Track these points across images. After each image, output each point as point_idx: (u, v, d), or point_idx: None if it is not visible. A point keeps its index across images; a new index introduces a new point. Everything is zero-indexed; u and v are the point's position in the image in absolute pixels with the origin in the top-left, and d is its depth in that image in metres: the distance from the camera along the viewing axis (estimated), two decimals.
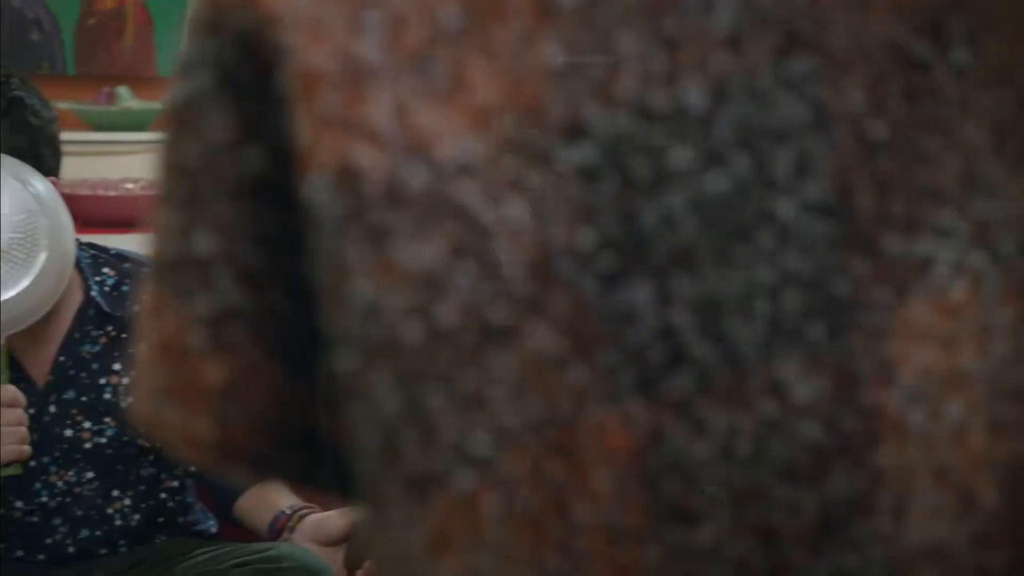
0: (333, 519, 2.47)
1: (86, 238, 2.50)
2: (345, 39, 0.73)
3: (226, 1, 0.76)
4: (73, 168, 2.54)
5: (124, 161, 3.88)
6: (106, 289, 2.46)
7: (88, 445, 2.42)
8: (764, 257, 0.73)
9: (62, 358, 2.42)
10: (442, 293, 0.72)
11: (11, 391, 2.29)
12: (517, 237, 0.72)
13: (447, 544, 0.74)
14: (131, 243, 2.65)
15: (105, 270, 2.48)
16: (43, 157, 2.41)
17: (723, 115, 0.73)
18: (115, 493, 2.44)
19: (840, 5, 0.73)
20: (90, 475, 2.43)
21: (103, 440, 2.42)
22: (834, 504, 0.73)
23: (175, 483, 2.50)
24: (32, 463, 2.37)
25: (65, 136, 2.49)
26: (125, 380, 2.43)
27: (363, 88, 0.73)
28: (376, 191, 0.73)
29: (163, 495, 2.48)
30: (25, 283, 2.30)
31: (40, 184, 2.33)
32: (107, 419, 2.42)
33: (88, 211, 2.82)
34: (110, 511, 2.44)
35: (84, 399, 2.42)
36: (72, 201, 2.39)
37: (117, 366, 2.43)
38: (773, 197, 0.73)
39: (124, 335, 2.44)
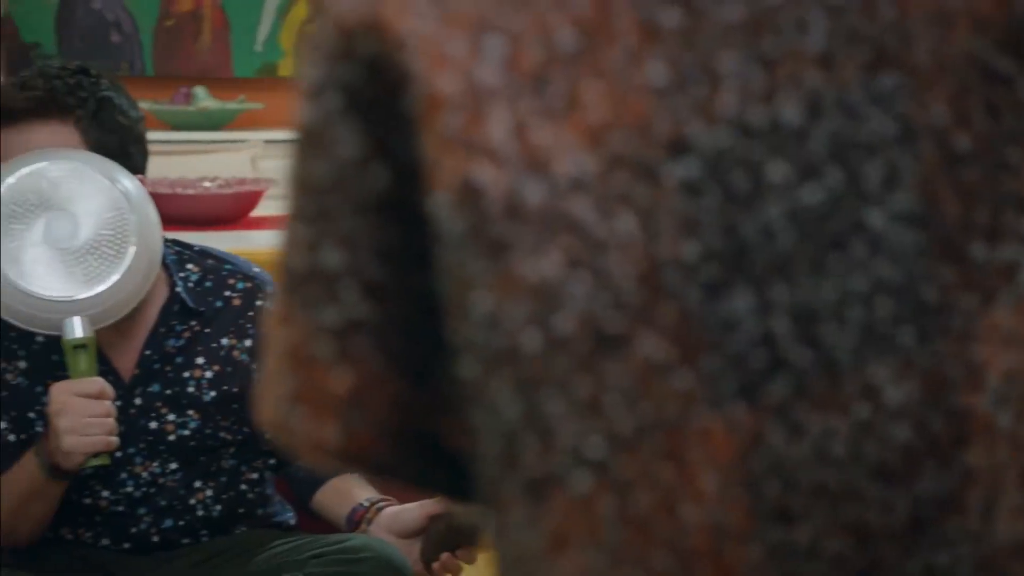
0: (410, 512, 2.46)
1: (166, 235, 2.51)
2: (466, 63, 0.76)
3: (353, 27, 0.78)
4: (151, 167, 2.55)
5: (201, 160, 3.90)
6: (190, 285, 2.47)
7: (172, 437, 2.43)
8: (857, 265, 0.75)
9: (147, 352, 2.43)
10: (559, 303, 0.75)
11: (99, 384, 2.31)
12: (627, 249, 0.74)
13: (564, 544, 0.76)
14: (209, 240, 2.66)
15: (189, 266, 2.49)
16: (131, 155, 2.42)
17: (817, 130, 0.75)
18: (197, 484, 2.45)
19: (924, 21, 0.76)
20: (173, 466, 2.44)
21: (186, 432, 2.43)
22: (925, 503, 0.75)
23: (255, 475, 2.50)
24: (118, 454, 2.38)
25: None
26: (208, 374, 2.44)
27: (483, 109, 0.75)
28: (496, 207, 0.75)
29: (243, 487, 2.49)
30: (115, 278, 2.31)
31: (128, 182, 2.35)
32: (190, 412, 2.43)
33: (167, 209, 2.84)
34: (192, 502, 2.46)
35: (168, 392, 2.43)
36: (152, 199, 2.40)
37: (200, 360, 2.44)
38: (864, 208, 0.75)
39: (207, 330, 2.45)
